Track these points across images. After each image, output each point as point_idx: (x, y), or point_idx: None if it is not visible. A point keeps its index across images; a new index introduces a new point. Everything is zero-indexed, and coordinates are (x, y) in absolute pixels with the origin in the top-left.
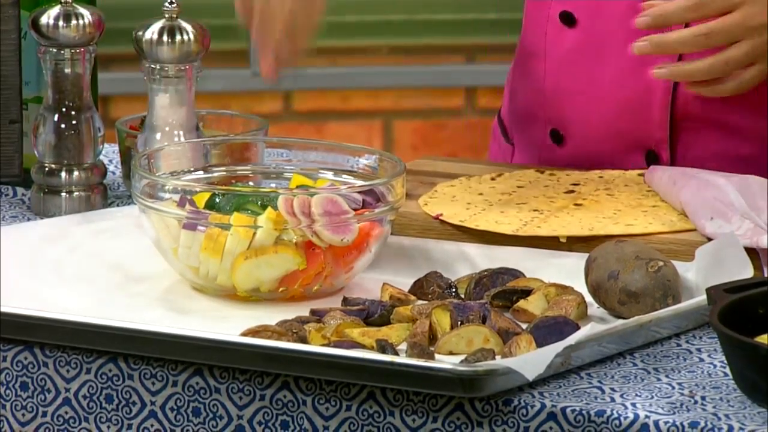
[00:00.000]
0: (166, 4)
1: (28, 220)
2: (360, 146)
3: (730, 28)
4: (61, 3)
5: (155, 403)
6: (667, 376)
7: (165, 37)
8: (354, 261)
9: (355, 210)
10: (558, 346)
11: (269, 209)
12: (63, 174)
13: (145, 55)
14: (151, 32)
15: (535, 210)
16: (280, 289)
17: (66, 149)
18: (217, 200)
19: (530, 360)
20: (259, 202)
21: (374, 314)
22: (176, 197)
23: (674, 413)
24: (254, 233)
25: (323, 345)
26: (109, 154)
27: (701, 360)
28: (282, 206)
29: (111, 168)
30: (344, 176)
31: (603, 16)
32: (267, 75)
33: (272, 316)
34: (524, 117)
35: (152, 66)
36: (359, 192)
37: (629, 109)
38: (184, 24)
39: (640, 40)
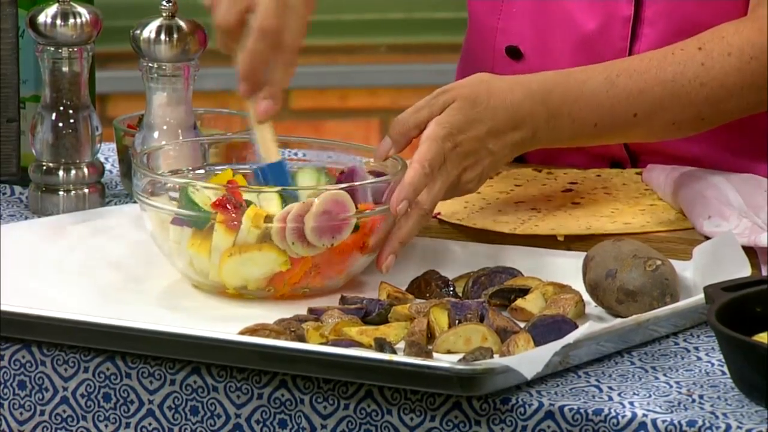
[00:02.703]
0: (164, 2)
1: (26, 218)
2: (360, 144)
3: (434, 145)
4: (58, 2)
5: (153, 401)
6: (665, 375)
7: (163, 36)
8: (348, 261)
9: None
10: (556, 345)
11: (251, 206)
12: (61, 172)
13: (143, 54)
14: (149, 31)
15: (532, 209)
16: (267, 288)
17: (64, 148)
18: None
19: (528, 358)
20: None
21: (372, 313)
22: (175, 194)
23: (672, 412)
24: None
25: (321, 344)
26: (107, 152)
27: (699, 359)
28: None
29: (108, 166)
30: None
31: (549, 50)
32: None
33: (270, 314)
34: None
35: (150, 64)
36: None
37: None
38: (181, 22)
39: (385, 262)
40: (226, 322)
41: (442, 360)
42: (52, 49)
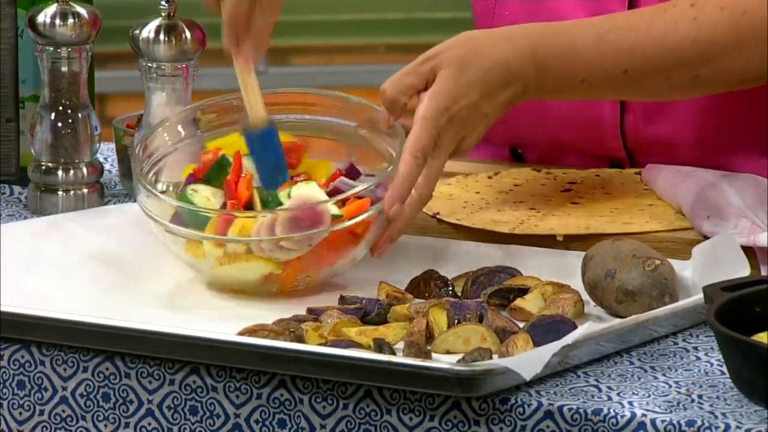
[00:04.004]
0: (163, 2)
1: (25, 218)
2: (361, 100)
3: (426, 127)
4: (57, 1)
5: (152, 401)
6: (664, 375)
7: (162, 36)
8: (343, 252)
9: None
10: (555, 345)
11: (237, 221)
12: (60, 172)
13: (142, 54)
14: (148, 31)
15: (531, 208)
16: (265, 286)
17: (63, 148)
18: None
19: (527, 359)
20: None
21: (371, 313)
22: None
23: (671, 412)
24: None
25: (320, 344)
26: (106, 152)
27: (698, 358)
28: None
29: (107, 166)
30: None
31: None
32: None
33: (269, 314)
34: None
35: (149, 64)
36: (352, 196)
37: (584, 135)
38: (180, 22)
39: (379, 249)
40: (225, 323)
41: (441, 360)
42: (51, 48)
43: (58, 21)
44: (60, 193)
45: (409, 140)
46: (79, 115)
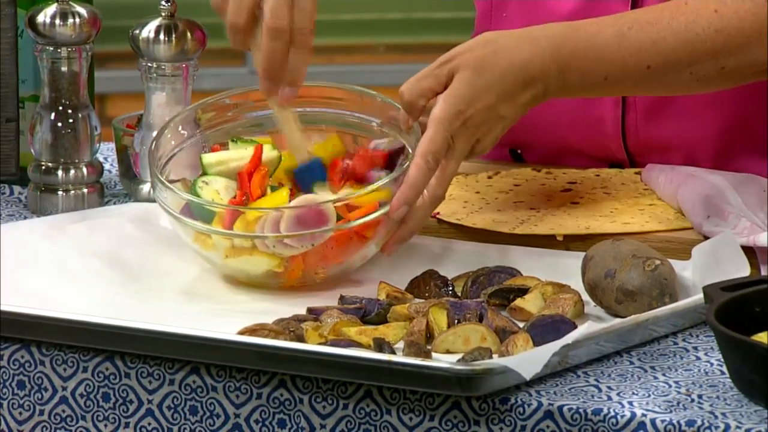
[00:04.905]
0: (163, 2)
1: (25, 218)
2: (378, 95)
3: (440, 130)
4: (57, 1)
5: (152, 401)
6: (663, 375)
7: (162, 36)
8: (350, 250)
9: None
10: (555, 345)
11: (241, 216)
12: (60, 172)
13: (142, 54)
14: (148, 31)
15: (531, 208)
16: (271, 280)
17: (62, 147)
18: None
19: (527, 359)
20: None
21: (371, 313)
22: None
23: (671, 411)
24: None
25: (320, 344)
26: (106, 152)
27: (698, 358)
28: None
29: (107, 166)
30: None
31: None
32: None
33: (269, 314)
34: None
35: (149, 64)
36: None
37: (585, 136)
38: (180, 22)
39: (389, 248)
40: (225, 322)
41: (441, 360)
42: (51, 48)
43: (58, 21)
44: (60, 193)
45: (422, 143)
46: (79, 115)
